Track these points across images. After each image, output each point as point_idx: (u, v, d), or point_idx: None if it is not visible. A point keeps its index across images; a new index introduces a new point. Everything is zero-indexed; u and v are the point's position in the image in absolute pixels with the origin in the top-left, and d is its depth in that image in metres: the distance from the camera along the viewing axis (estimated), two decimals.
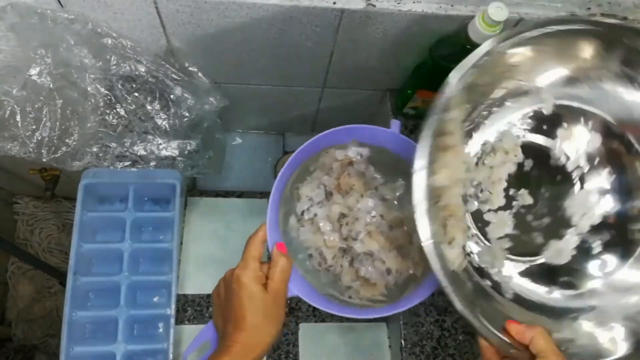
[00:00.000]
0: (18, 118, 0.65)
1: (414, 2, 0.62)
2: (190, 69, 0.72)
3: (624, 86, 0.61)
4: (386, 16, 0.63)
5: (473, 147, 0.63)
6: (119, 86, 0.71)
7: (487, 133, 0.64)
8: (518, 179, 0.64)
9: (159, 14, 0.63)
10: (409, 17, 0.63)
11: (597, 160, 0.64)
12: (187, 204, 0.86)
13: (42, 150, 0.67)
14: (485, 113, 0.63)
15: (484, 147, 0.64)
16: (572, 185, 0.64)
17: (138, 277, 0.74)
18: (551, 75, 0.61)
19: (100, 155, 0.72)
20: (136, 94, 0.73)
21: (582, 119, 0.63)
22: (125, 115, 0.73)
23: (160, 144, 0.74)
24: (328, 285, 0.61)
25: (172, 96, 0.72)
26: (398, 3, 0.62)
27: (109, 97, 0.72)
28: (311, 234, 0.61)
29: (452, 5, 0.63)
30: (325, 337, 0.80)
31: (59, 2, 0.62)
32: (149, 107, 0.73)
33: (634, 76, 0.60)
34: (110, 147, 0.73)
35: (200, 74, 0.73)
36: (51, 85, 0.65)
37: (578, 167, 0.65)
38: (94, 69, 0.68)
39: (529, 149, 0.64)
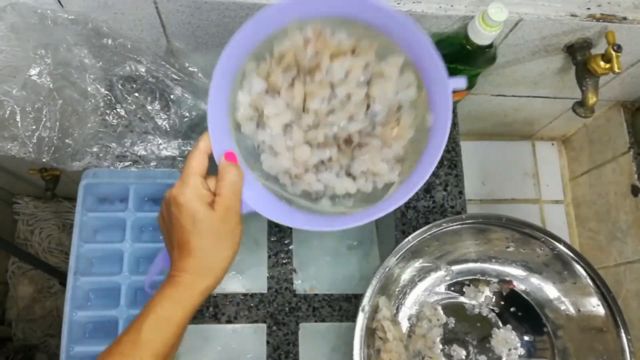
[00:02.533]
0: (18, 118, 0.65)
1: (414, 2, 0.62)
2: (190, 69, 0.72)
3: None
4: None
5: (402, 323, 0.75)
6: (119, 86, 0.71)
7: (408, 308, 0.76)
8: (449, 337, 0.76)
9: (159, 14, 0.63)
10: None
11: (502, 303, 0.77)
12: None
13: (42, 150, 0.67)
14: (401, 297, 0.75)
15: (410, 321, 0.75)
16: (492, 326, 0.77)
17: (138, 278, 0.74)
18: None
19: (101, 155, 0.72)
20: (136, 94, 0.73)
21: (479, 277, 0.77)
22: (126, 116, 0.73)
23: (161, 144, 0.74)
24: (301, 196, 0.51)
25: (172, 96, 0.72)
26: (398, 3, 0.62)
27: (109, 97, 0.72)
28: (273, 159, 0.50)
29: (452, 5, 0.63)
30: (325, 337, 0.80)
31: (59, 2, 0.62)
32: (149, 107, 0.73)
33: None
34: (110, 147, 0.73)
35: (200, 74, 0.73)
36: (51, 85, 0.65)
37: (491, 310, 0.77)
38: (94, 69, 0.68)
39: (446, 308, 0.77)
